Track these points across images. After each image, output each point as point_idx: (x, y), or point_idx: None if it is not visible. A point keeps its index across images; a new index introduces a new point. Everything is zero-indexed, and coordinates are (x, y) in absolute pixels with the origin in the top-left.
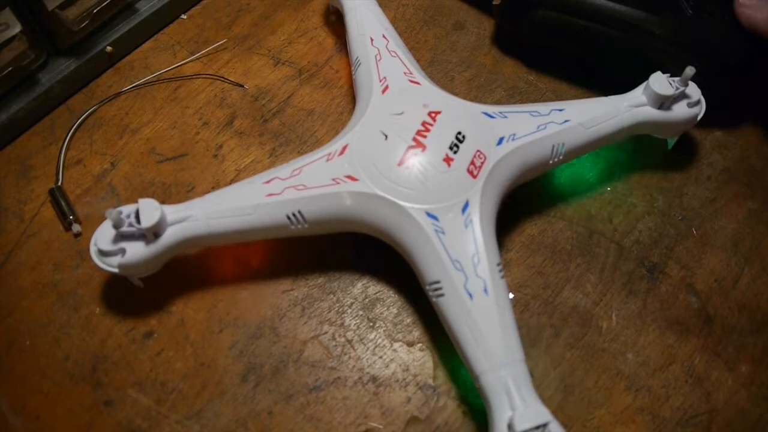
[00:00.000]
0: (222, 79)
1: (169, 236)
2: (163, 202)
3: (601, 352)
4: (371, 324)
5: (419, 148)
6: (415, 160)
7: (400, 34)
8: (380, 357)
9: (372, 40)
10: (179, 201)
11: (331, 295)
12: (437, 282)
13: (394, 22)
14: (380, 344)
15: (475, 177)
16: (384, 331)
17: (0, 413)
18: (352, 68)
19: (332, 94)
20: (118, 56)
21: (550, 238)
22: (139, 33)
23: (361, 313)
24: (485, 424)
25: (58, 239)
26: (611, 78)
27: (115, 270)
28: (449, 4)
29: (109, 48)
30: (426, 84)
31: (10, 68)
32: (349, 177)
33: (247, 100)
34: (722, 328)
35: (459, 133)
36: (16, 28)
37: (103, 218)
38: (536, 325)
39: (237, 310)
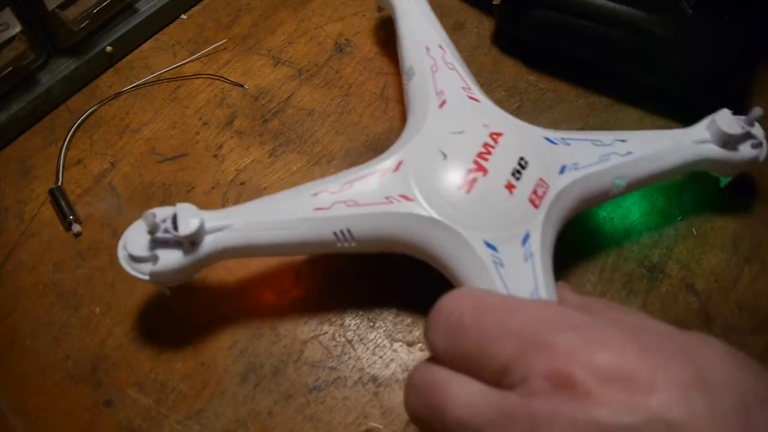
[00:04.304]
0: (222, 79)
1: (207, 246)
2: (163, 201)
3: None
4: (371, 324)
5: (480, 172)
6: (476, 185)
7: None
8: (380, 357)
9: (428, 49)
10: (179, 201)
11: (332, 295)
12: None
13: None
14: (380, 344)
15: (536, 207)
16: (384, 331)
17: (0, 413)
18: (404, 77)
19: (332, 94)
20: (118, 56)
21: None
22: (139, 33)
23: (361, 313)
24: None
25: (58, 239)
26: (611, 78)
27: (146, 278)
28: (449, 4)
29: (109, 48)
30: (485, 102)
31: (10, 68)
32: (404, 197)
33: (247, 100)
34: (722, 328)
35: (522, 158)
36: (16, 28)
37: (102, 218)
38: None
39: (237, 310)
